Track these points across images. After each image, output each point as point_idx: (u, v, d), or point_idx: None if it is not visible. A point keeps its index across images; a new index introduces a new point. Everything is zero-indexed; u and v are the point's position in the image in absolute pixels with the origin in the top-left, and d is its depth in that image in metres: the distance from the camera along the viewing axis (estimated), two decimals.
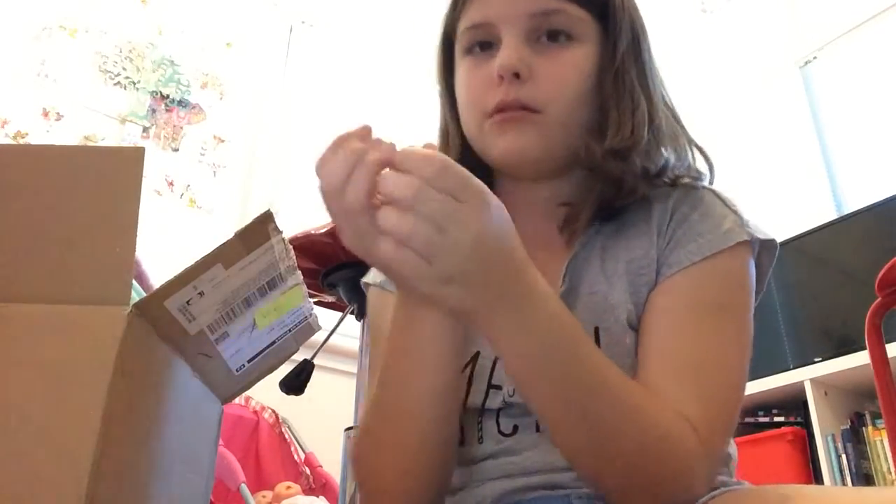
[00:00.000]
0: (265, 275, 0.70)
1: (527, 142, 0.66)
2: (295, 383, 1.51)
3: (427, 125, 0.79)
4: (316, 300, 1.61)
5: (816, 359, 2.24)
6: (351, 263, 1.45)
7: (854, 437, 2.18)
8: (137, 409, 0.60)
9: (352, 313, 1.57)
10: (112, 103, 2.64)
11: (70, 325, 0.57)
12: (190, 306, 0.63)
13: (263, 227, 0.65)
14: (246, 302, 0.70)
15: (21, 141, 2.38)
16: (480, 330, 0.51)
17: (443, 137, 0.77)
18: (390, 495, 0.60)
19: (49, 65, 2.54)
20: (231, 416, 2.02)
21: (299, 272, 0.76)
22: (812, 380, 2.21)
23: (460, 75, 0.71)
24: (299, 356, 1.41)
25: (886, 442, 1.95)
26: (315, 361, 1.53)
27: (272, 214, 0.67)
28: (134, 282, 0.63)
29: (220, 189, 2.80)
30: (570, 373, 0.51)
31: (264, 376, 0.87)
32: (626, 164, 0.66)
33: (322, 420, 2.14)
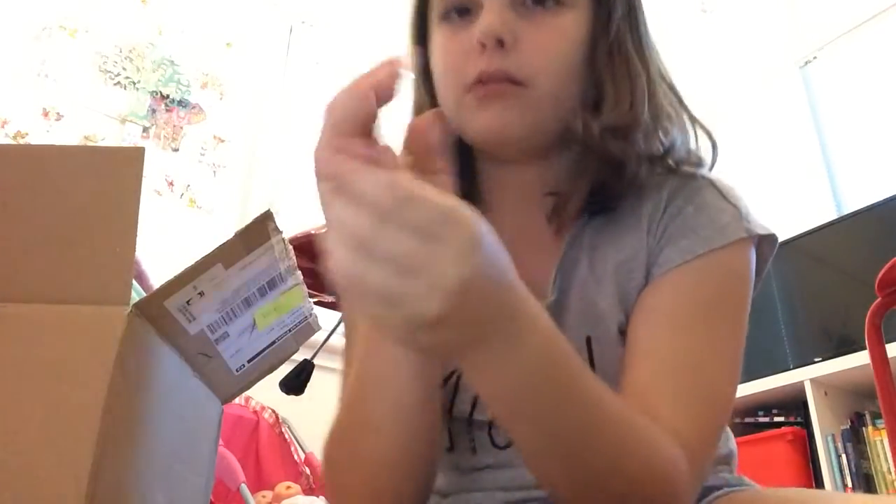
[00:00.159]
0: (265, 275, 0.70)
1: (511, 118, 0.59)
2: (295, 383, 1.51)
3: None
4: (316, 300, 1.61)
5: (816, 359, 2.24)
6: None
7: (854, 437, 2.17)
8: (137, 410, 0.60)
9: None
10: (112, 103, 2.64)
11: (70, 325, 0.57)
12: (190, 306, 0.63)
13: (263, 227, 0.65)
14: (246, 302, 0.70)
15: (21, 141, 2.38)
16: (458, 364, 0.43)
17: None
18: None
19: (49, 65, 2.54)
20: (231, 416, 2.02)
21: (299, 272, 0.76)
22: (812, 380, 2.21)
23: (436, 44, 0.63)
24: (299, 356, 1.41)
25: (886, 442, 1.95)
26: (315, 361, 1.53)
27: (272, 214, 0.67)
28: (134, 282, 0.63)
29: (220, 189, 2.79)
30: (562, 412, 0.45)
31: (264, 376, 0.87)
32: (628, 144, 0.60)
33: (322, 420, 2.12)
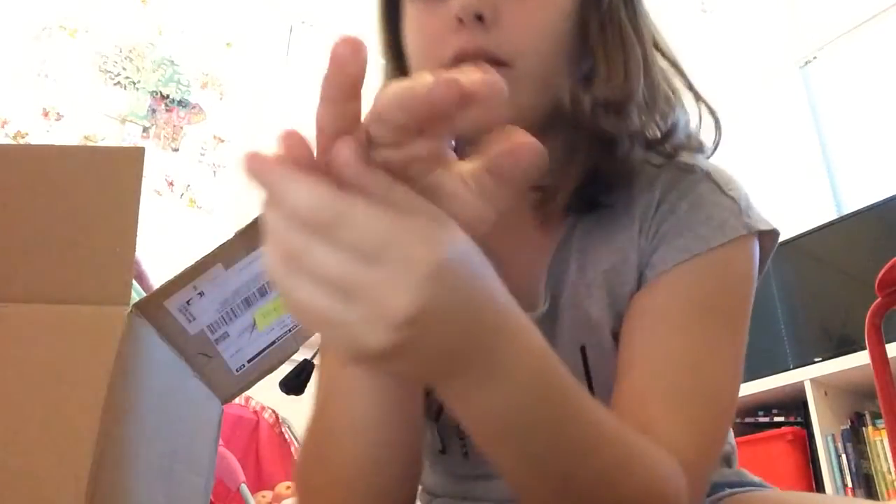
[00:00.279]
0: (265, 275, 0.70)
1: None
2: (295, 383, 1.51)
3: None
4: None
5: (816, 359, 2.24)
6: None
7: (854, 437, 2.17)
8: (137, 409, 0.60)
9: None
10: (112, 103, 2.64)
11: (70, 325, 0.57)
12: (190, 306, 0.63)
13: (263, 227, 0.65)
14: (246, 302, 0.70)
15: (21, 141, 2.38)
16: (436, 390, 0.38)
17: None
18: None
19: (49, 65, 2.54)
20: (231, 416, 2.02)
21: None
22: (812, 380, 2.21)
23: (409, 20, 0.58)
24: (299, 356, 1.41)
25: (886, 442, 1.95)
26: (315, 361, 1.53)
27: None
28: (134, 282, 0.63)
29: (220, 189, 2.80)
30: (556, 436, 0.40)
31: (264, 376, 0.87)
32: (621, 120, 0.55)
33: None
